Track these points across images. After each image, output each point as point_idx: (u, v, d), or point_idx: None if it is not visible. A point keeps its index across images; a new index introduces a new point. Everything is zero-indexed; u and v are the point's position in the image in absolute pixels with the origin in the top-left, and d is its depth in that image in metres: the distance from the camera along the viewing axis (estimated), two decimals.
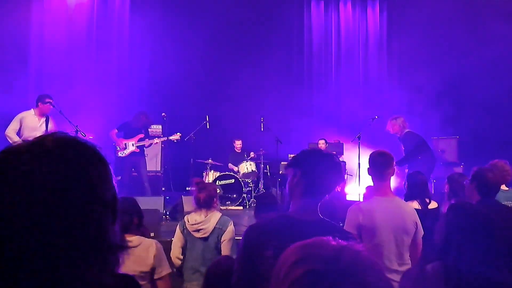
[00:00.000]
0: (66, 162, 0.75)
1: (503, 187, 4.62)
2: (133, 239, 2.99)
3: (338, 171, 2.15)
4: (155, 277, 3.08)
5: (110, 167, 0.83)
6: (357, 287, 0.72)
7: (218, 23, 10.80)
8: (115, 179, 0.83)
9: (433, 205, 4.13)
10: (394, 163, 3.35)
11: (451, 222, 2.16)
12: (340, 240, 0.79)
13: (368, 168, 3.34)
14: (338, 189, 4.22)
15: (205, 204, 3.76)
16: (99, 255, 0.77)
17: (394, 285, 2.15)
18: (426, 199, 4.06)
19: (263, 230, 2.06)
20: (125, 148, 7.85)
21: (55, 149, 0.77)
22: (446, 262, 2.04)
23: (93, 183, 0.77)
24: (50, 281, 0.71)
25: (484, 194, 3.36)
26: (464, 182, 3.72)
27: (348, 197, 7.75)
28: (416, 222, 3.21)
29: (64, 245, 0.72)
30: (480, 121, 8.53)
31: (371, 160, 3.32)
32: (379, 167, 3.25)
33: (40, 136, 0.80)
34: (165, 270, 3.12)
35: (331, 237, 0.80)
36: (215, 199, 3.82)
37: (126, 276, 1.92)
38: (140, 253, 3.00)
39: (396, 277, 2.85)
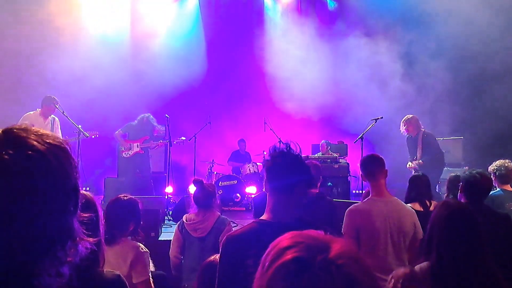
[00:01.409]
0: (27, 148, 0.75)
1: (508, 187, 4.57)
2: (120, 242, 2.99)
3: (299, 167, 2.03)
4: (133, 281, 3.01)
5: (74, 158, 0.83)
6: (342, 278, 0.72)
7: (222, 24, 10.83)
8: (79, 171, 0.83)
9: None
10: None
11: (432, 222, 2.17)
12: (330, 234, 0.79)
13: (360, 174, 3.38)
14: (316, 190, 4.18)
15: (203, 203, 3.76)
16: (60, 245, 0.76)
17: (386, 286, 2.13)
18: (426, 201, 4.02)
19: (241, 239, 2.02)
20: (130, 149, 7.90)
21: (18, 136, 0.77)
22: (430, 261, 2.04)
23: (55, 173, 0.76)
24: (11, 269, 0.71)
25: (471, 197, 3.33)
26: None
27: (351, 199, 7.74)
28: (414, 223, 3.20)
29: (24, 234, 0.72)
30: (485, 122, 8.46)
31: (362, 165, 3.39)
32: (369, 167, 3.30)
33: (6, 127, 0.80)
34: (141, 276, 3.01)
35: (322, 231, 0.81)
36: (213, 199, 3.82)
37: (112, 273, 1.92)
38: (119, 257, 2.97)
39: None
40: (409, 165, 7.36)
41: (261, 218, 2.11)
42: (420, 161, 7.05)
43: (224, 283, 2.00)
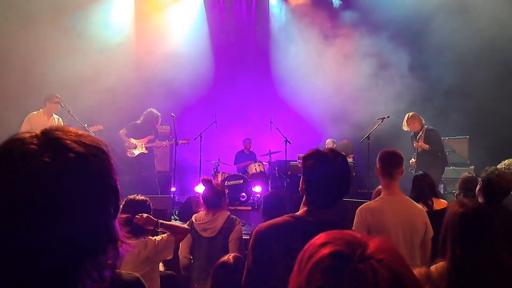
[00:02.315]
0: (67, 149, 0.75)
1: None
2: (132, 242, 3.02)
3: (345, 180, 2.03)
4: (168, 256, 3.19)
5: (113, 159, 0.82)
6: (384, 272, 0.70)
7: (228, 22, 10.82)
8: (117, 175, 0.82)
9: (441, 205, 4.06)
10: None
11: (447, 221, 2.16)
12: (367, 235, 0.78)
13: (376, 167, 3.31)
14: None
15: (212, 203, 3.75)
16: (101, 248, 0.76)
17: None
18: (429, 202, 4.00)
19: (272, 229, 2.04)
20: (135, 148, 7.90)
21: (57, 138, 0.76)
22: (446, 260, 2.03)
23: (95, 174, 0.76)
24: (56, 274, 0.71)
25: (489, 198, 3.31)
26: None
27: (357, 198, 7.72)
28: (425, 223, 3.18)
29: (66, 237, 0.71)
30: (491, 121, 8.42)
31: (380, 159, 3.28)
32: (388, 166, 3.22)
33: (45, 129, 0.79)
34: (168, 249, 3.19)
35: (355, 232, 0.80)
36: (223, 199, 3.81)
37: (132, 275, 1.91)
38: (140, 254, 3.04)
39: None
40: (411, 161, 7.43)
41: (296, 214, 2.11)
42: (422, 143, 7.15)
43: (251, 269, 2.00)
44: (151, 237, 3.19)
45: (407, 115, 7.45)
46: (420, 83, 9.44)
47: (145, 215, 3.12)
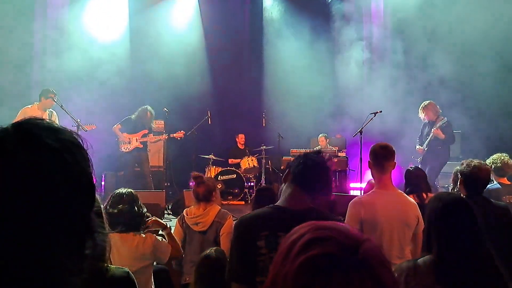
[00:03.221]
0: (41, 146, 0.75)
1: (505, 180, 4.59)
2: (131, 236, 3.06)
3: (325, 180, 2.15)
4: (162, 262, 3.27)
5: (87, 152, 0.82)
6: (370, 279, 0.71)
7: (221, 17, 10.79)
8: (92, 164, 0.82)
9: None
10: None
11: (428, 216, 2.19)
12: (359, 232, 0.78)
13: (368, 160, 3.32)
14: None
15: (203, 198, 3.78)
16: (77, 241, 0.76)
17: None
18: (423, 194, 4.03)
19: (253, 221, 2.08)
20: (129, 143, 7.89)
21: (31, 133, 0.76)
22: (432, 254, 2.05)
23: (70, 170, 0.76)
24: (31, 269, 0.71)
25: (471, 190, 3.34)
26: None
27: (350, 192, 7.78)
28: (417, 216, 3.19)
29: (42, 231, 0.72)
30: (483, 116, 8.47)
31: (372, 152, 3.29)
32: (380, 159, 3.22)
33: (17, 122, 0.79)
34: (166, 253, 3.26)
35: (349, 226, 0.80)
36: (213, 193, 3.83)
37: (121, 269, 1.92)
38: (138, 249, 3.06)
39: None
40: (418, 147, 7.56)
41: (276, 204, 2.15)
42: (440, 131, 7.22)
43: (234, 261, 2.03)
44: (152, 234, 3.21)
45: (423, 103, 7.51)
46: (413, 77, 9.47)
47: (153, 218, 3.25)
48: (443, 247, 2.03)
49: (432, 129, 7.38)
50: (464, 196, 3.38)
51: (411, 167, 4.39)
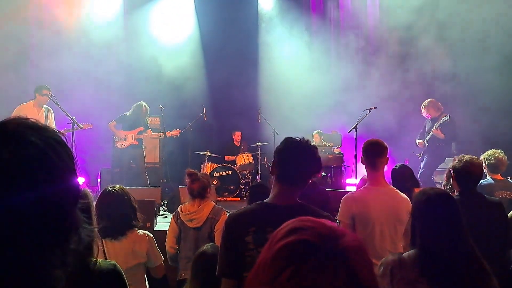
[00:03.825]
0: (26, 144, 0.76)
1: (498, 176, 4.62)
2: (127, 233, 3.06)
3: (312, 160, 2.14)
4: (150, 266, 3.22)
5: (71, 149, 0.84)
6: (344, 270, 0.72)
7: (217, 14, 10.77)
8: (77, 162, 0.84)
9: None
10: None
11: (413, 210, 2.24)
12: (345, 229, 0.81)
13: (361, 157, 3.36)
14: (319, 176, 4.21)
15: (198, 194, 3.80)
16: (60, 236, 0.78)
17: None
18: (411, 192, 4.04)
19: (242, 218, 2.12)
20: (124, 140, 7.89)
21: (15, 132, 0.77)
22: (416, 248, 2.09)
23: (54, 167, 0.78)
24: (15, 263, 0.73)
25: (464, 185, 3.37)
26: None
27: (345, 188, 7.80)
28: (409, 212, 3.22)
29: (28, 227, 0.73)
30: (478, 112, 8.50)
31: (364, 149, 3.34)
32: (372, 156, 3.26)
33: (1, 121, 0.80)
34: (159, 260, 3.26)
35: (335, 223, 0.82)
36: (208, 189, 3.86)
37: (109, 262, 1.94)
38: (133, 247, 3.07)
39: None
40: (419, 141, 7.63)
41: (264, 200, 2.18)
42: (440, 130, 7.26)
43: (224, 258, 2.07)
44: (149, 235, 3.21)
45: (424, 102, 7.59)
46: (409, 72, 9.50)
47: None
48: (426, 240, 2.08)
49: (432, 128, 7.42)
50: (457, 192, 3.41)
51: (396, 166, 4.39)
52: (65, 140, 0.83)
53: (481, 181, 3.90)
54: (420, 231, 2.12)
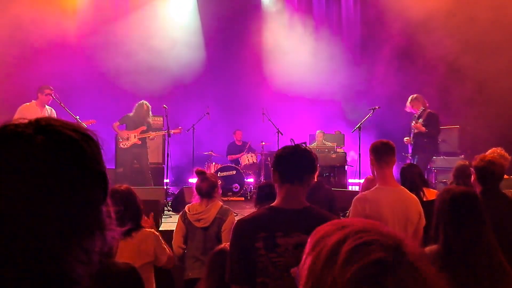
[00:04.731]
0: (62, 137, 0.76)
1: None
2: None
3: (307, 158, 2.20)
4: (158, 263, 3.23)
5: (100, 147, 0.83)
6: (418, 281, 0.72)
7: (220, 13, 10.75)
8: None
9: (432, 194, 4.10)
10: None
11: (438, 207, 2.26)
12: (387, 228, 0.79)
13: (370, 158, 3.35)
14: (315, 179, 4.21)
15: (206, 194, 3.78)
16: (89, 232, 0.77)
17: None
18: (420, 192, 4.03)
19: (251, 223, 2.12)
20: (127, 140, 7.89)
21: (51, 126, 0.77)
22: (438, 244, 2.12)
23: (87, 160, 0.77)
24: (43, 261, 0.72)
25: (486, 185, 3.36)
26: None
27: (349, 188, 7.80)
28: (419, 212, 3.22)
29: (56, 220, 0.72)
30: (481, 110, 8.48)
31: (373, 149, 3.32)
32: (381, 156, 3.26)
33: (37, 117, 0.80)
34: (166, 253, 3.26)
35: (378, 223, 0.80)
36: (216, 189, 3.84)
37: (127, 264, 1.92)
38: (140, 246, 3.05)
39: None
40: (406, 139, 7.58)
41: (271, 205, 2.18)
42: (420, 124, 7.23)
43: (235, 264, 2.07)
44: (154, 232, 3.21)
45: (411, 97, 7.55)
46: (410, 71, 9.48)
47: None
48: (450, 236, 2.11)
49: (412, 123, 7.41)
50: (479, 191, 3.40)
51: (405, 165, 4.39)
52: (96, 137, 0.83)
53: None
54: (443, 228, 2.16)
